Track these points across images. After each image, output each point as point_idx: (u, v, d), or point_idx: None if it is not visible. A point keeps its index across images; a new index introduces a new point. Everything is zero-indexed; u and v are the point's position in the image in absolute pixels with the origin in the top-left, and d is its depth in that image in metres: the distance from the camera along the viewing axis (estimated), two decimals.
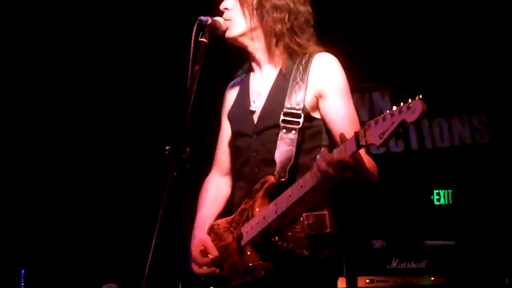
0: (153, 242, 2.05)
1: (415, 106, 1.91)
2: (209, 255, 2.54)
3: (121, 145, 5.45)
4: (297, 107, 2.43)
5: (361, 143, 2.05)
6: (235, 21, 2.54)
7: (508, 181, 5.20)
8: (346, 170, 2.13)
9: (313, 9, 2.61)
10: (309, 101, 2.45)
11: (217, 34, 2.51)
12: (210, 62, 2.39)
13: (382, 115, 2.01)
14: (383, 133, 1.99)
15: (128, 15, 5.36)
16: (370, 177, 2.34)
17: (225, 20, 2.54)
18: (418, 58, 5.44)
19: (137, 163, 5.36)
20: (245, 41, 2.57)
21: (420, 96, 1.92)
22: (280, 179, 2.39)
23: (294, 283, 2.38)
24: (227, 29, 2.54)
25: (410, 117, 1.92)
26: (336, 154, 2.12)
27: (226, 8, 2.56)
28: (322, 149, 2.19)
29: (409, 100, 1.94)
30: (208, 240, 2.59)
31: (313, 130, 2.48)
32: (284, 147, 2.41)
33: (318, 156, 2.19)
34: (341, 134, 2.18)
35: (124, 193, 5.35)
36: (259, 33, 2.55)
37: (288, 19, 2.52)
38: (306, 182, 2.24)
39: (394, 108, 1.98)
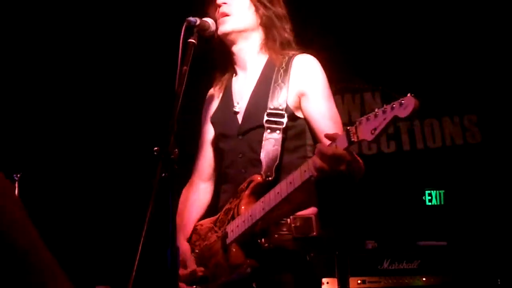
0: (141, 244, 2.04)
1: (407, 103, 1.93)
2: (188, 269, 2.55)
3: (109, 146, 5.43)
4: (280, 107, 2.45)
5: (352, 139, 2.07)
6: (233, 15, 2.55)
7: (500, 182, 5.21)
8: (341, 163, 2.13)
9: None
10: (291, 101, 2.48)
11: (205, 35, 2.51)
12: (198, 63, 2.40)
13: (373, 112, 2.02)
14: (374, 129, 2.00)
15: (116, 16, 5.34)
16: (358, 171, 2.34)
17: (222, 13, 2.54)
18: (410, 59, 5.44)
19: (125, 164, 5.34)
20: (236, 38, 2.58)
21: (412, 94, 1.95)
22: (267, 178, 2.39)
23: (279, 280, 2.38)
24: (216, 30, 2.54)
25: (402, 113, 1.94)
26: (330, 149, 2.12)
27: (224, 3, 2.56)
28: (317, 145, 2.19)
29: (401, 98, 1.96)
30: (187, 251, 2.59)
31: (297, 129, 2.50)
32: (269, 147, 2.42)
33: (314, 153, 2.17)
34: (326, 134, 2.20)
35: (112, 194, 5.33)
36: (249, 32, 2.57)
37: (279, 20, 2.57)
38: (295, 179, 2.24)
39: (385, 105, 2.00)
